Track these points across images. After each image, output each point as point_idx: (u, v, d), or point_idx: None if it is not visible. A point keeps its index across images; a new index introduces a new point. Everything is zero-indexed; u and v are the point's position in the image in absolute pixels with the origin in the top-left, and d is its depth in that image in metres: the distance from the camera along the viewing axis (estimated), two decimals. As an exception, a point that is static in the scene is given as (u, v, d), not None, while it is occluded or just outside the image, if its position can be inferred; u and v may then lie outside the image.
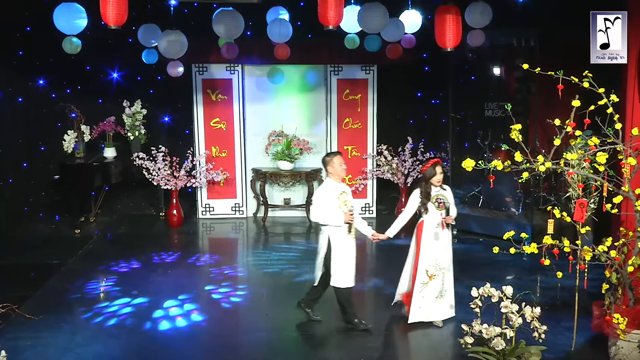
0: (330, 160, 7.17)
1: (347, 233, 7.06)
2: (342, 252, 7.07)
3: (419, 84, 12.59)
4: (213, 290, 8.65)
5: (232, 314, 7.96)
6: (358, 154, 12.21)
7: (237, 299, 8.40)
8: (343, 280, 7.11)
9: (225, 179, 12.04)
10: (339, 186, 7.17)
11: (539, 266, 6.45)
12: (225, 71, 11.91)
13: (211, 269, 9.59)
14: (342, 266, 7.08)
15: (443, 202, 7.18)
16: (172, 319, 7.70)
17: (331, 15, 5.95)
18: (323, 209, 7.04)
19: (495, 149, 11.54)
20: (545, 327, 5.82)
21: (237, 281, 9.08)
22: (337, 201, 7.05)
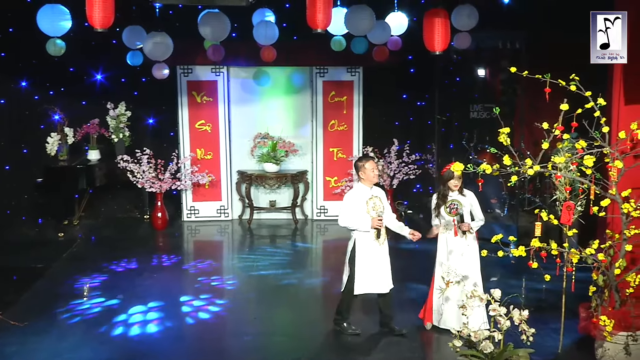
0: (362, 165, 7.02)
1: (375, 239, 6.93)
2: (365, 258, 6.94)
3: (404, 85, 12.60)
4: (199, 293, 8.58)
5: (219, 318, 7.89)
6: (344, 155, 12.20)
7: (222, 301, 8.33)
8: (359, 286, 6.99)
9: (210, 181, 11.98)
10: (368, 191, 7.01)
11: (524, 268, 6.49)
12: (211, 73, 11.86)
13: (197, 272, 9.52)
14: (362, 272, 6.95)
15: (456, 207, 6.92)
16: (159, 322, 7.63)
17: (320, 19, 5.92)
18: (350, 214, 6.92)
19: (480, 150, 11.58)
20: (533, 330, 5.81)
21: (223, 285, 9.02)
22: (366, 206, 6.92)
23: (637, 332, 6.23)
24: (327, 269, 10.18)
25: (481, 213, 7.15)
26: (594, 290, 6.30)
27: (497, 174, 5.86)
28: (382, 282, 7.03)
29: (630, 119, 6.39)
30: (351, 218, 6.92)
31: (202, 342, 7.18)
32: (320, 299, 8.77)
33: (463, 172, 6.67)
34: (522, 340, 5.85)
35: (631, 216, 6.14)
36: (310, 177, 12.31)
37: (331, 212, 12.33)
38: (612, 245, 6.29)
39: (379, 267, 6.99)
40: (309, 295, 8.83)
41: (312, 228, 12.11)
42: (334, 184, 12.26)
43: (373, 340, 7.12)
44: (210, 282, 9.06)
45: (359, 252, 6.95)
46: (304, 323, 7.80)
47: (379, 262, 6.99)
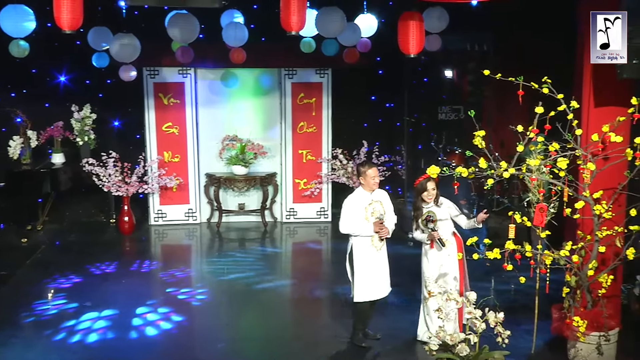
0: (364, 171, 6.81)
1: (373, 244, 6.80)
2: (363, 263, 6.83)
3: (373, 87, 12.61)
4: (169, 299, 8.44)
5: (190, 325, 7.77)
6: (313, 157, 12.15)
7: (193, 309, 8.21)
8: (360, 293, 6.87)
9: (178, 184, 11.81)
10: (368, 196, 6.85)
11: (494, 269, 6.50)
12: (178, 75, 11.70)
13: (165, 277, 9.37)
14: (362, 278, 6.84)
15: (432, 219, 6.79)
16: (128, 331, 7.47)
17: (294, 21, 5.85)
18: (351, 220, 6.78)
19: (449, 152, 11.64)
20: (508, 332, 5.83)
21: (193, 290, 8.88)
22: (364, 212, 6.79)
23: (609, 332, 6.30)
24: (297, 272, 10.14)
25: (463, 217, 7.01)
26: (568, 291, 6.34)
27: (472, 177, 5.87)
28: (382, 287, 6.93)
29: (599, 121, 6.46)
30: (352, 224, 6.78)
31: (175, 349, 7.07)
32: (292, 303, 8.72)
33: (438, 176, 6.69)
34: (498, 342, 5.87)
35: (603, 217, 6.20)
36: (280, 180, 12.23)
37: (300, 215, 12.27)
38: (584, 246, 6.34)
39: (377, 273, 6.88)
40: (280, 299, 8.76)
41: (281, 231, 12.03)
42: (303, 186, 12.20)
43: (348, 345, 7.07)
44: (180, 287, 8.92)
45: (357, 258, 6.84)
46: (277, 327, 7.74)
47: (377, 268, 6.87)
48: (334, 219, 12.25)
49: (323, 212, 12.32)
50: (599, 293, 6.28)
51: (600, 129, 6.25)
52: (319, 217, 12.31)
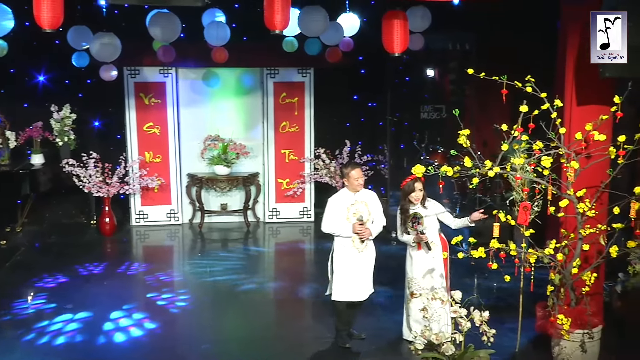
0: (347, 173, 6.79)
1: (354, 245, 6.75)
2: (342, 264, 6.79)
3: (355, 86, 12.60)
4: (152, 301, 8.37)
5: (173, 326, 7.71)
6: (295, 157, 12.10)
7: (177, 310, 8.14)
8: (337, 292, 6.84)
9: (159, 185, 11.71)
10: (352, 196, 6.81)
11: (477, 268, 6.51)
12: (159, 74, 11.59)
13: (148, 278, 9.29)
14: (340, 278, 6.80)
15: (418, 220, 6.77)
16: (110, 333, 7.40)
17: (278, 20, 5.80)
18: (331, 220, 6.76)
19: (432, 151, 11.66)
20: (494, 330, 5.85)
21: (176, 291, 8.82)
22: (346, 212, 6.74)
23: (592, 330, 6.34)
24: (280, 272, 10.10)
25: (452, 218, 6.95)
26: (552, 289, 6.36)
27: (457, 175, 5.87)
28: (361, 289, 6.85)
29: (582, 119, 6.50)
30: (332, 224, 6.75)
31: (159, 351, 7.01)
32: (276, 303, 8.68)
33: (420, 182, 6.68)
34: (483, 341, 5.88)
35: (586, 216, 6.22)
36: (262, 180, 12.17)
37: (283, 215, 12.23)
38: (568, 244, 6.37)
39: (358, 275, 6.81)
40: (263, 299, 8.71)
41: (264, 231, 11.98)
42: (286, 186, 12.16)
43: (332, 345, 7.05)
44: (162, 288, 8.85)
45: (337, 258, 6.82)
46: (261, 328, 7.70)
47: (359, 270, 6.80)
48: (316, 219, 12.22)
49: (306, 212, 12.29)
50: (583, 291, 6.30)
51: (583, 127, 6.29)
52: (301, 217, 12.28)
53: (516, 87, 6.16)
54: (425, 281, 6.76)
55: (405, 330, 7.02)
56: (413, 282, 6.76)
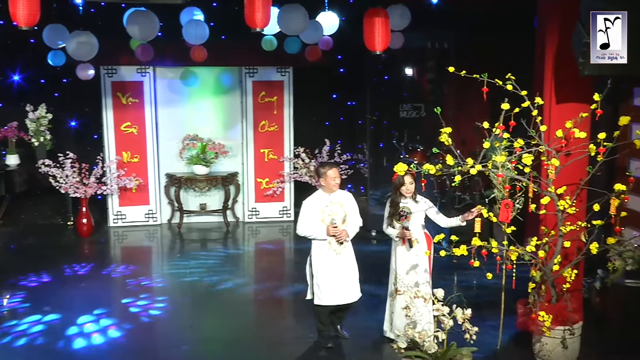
0: (324, 172, 6.69)
1: (331, 247, 6.69)
2: (322, 267, 6.73)
3: (334, 85, 12.59)
4: (131, 303, 8.27)
5: (153, 328, 7.63)
6: (275, 157, 12.06)
7: (156, 311, 8.04)
8: (321, 297, 6.77)
9: (137, 185, 11.60)
10: (327, 197, 6.74)
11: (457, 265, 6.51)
12: (136, 73, 11.49)
13: (127, 280, 9.19)
14: (321, 283, 6.74)
15: (406, 215, 6.70)
16: (88, 336, 7.30)
17: (259, 17, 5.75)
18: (306, 223, 6.69)
19: (411, 150, 11.68)
20: (476, 328, 5.86)
21: (155, 292, 8.73)
22: (321, 214, 6.68)
23: (573, 326, 6.37)
24: (260, 272, 10.06)
25: (442, 217, 6.84)
26: (533, 286, 6.39)
27: (439, 173, 5.87)
28: (347, 291, 6.78)
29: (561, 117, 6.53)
30: (308, 227, 6.69)
31: (138, 354, 6.92)
32: (256, 303, 8.62)
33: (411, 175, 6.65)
34: (466, 339, 5.89)
35: (566, 213, 6.26)
36: (241, 179, 12.11)
37: (263, 214, 12.18)
38: (548, 241, 6.40)
39: (340, 278, 6.74)
40: (243, 299, 8.65)
41: (243, 231, 11.92)
42: (265, 185, 12.11)
43: (314, 345, 7.01)
44: (142, 289, 8.76)
45: (316, 261, 6.76)
46: (241, 328, 7.64)
47: (339, 272, 6.73)
48: (296, 218, 12.05)
49: (285, 212, 12.25)
50: (563, 287, 6.34)
51: (562, 125, 6.32)
52: (281, 216, 12.24)
53: (496, 86, 6.16)
54: (409, 278, 6.74)
55: (387, 326, 7.00)
56: (399, 277, 6.75)
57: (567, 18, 6.53)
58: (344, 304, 6.87)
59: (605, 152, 6.00)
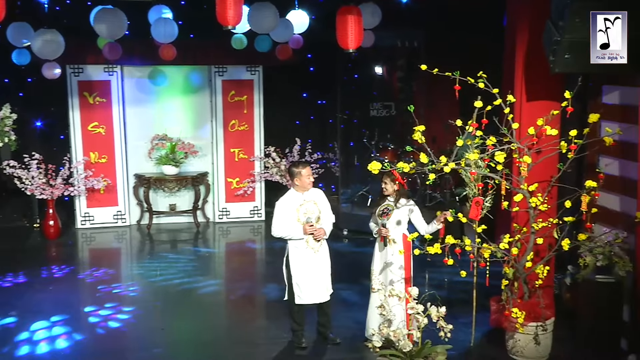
0: (298, 172, 6.63)
1: (309, 246, 6.63)
2: (300, 267, 6.66)
3: (304, 84, 12.55)
4: (101, 305, 8.12)
5: (123, 331, 7.49)
6: (245, 156, 11.98)
7: (126, 315, 7.89)
8: (300, 296, 6.70)
9: (105, 186, 11.43)
10: (300, 197, 6.68)
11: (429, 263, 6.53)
12: (103, 72, 11.31)
13: (95, 282, 9.02)
14: (300, 282, 6.68)
15: (386, 213, 6.67)
16: (59, 339, 7.16)
17: (230, 15, 5.68)
18: (282, 223, 6.62)
19: (382, 148, 11.68)
20: (451, 326, 5.87)
21: (125, 295, 8.59)
22: (296, 213, 6.62)
23: (546, 322, 6.43)
24: (232, 272, 9.98)
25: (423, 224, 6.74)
26: (507, 283, 6.42)
27: (413, 172, 5.87)
28: (322, 290, 6.76)
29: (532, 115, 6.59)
30: (283, 227, 6.62)
31: (109, 356, 6.80)
32: (228, 305, 8.56)
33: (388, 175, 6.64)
34: (441, 337, 5.90)
35: (538, 210, 6.31)
36: (211, 179, 12.00)
37: (233, 214, 12.10)
38: (521, 238, 6.45)
39: (317, 276, 6.70)
40: (215, 301, 8.58)
41: (214, 231, 11.82)
42: (236, 185, 12.02)
43: (288, 345, 6.96)
44: (111, 292, 8.63)
45: (293, 261, 6.69)
46: (214, 330, 7.57)
47: (316, 270, 6.70)
48: (267, 218, 12.13)
49: (256, 211, 12.18)
50: (536, 284, 6.39)
51: (533, 122, 6.38)
52: (252, 216, 12.16)
53: (466, 84, 6.18)
54: (382, 276, 6.73)
55: None
56: (373, 275, 6.74)
57: (537, 16, 6.61)
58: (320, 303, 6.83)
59: (576, 149, 6.06)
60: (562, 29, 5.85)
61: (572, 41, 5.83)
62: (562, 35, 5.84)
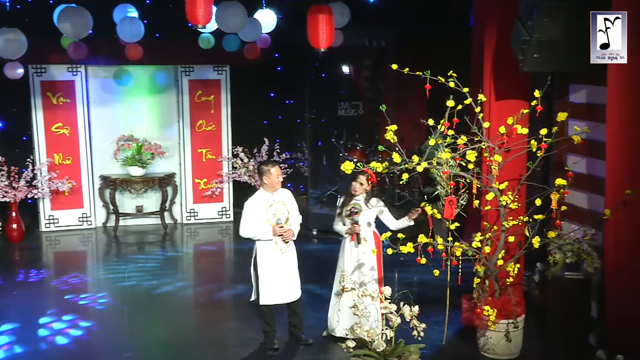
0: (267, 170, 6.57)
1: (277, 247, 6.60)
2: (268, 267, 6.63)
3: (272, 84, 12.49)
4: (68, 310, 7.97)
5: (93, 335, 7.37)
6: (213, 156, 11.87)
7: (95, 320, 7.75)
8: (265, 296, 6.67)
9: (70, 188, 11.22)
10: (269, 197, 6.63)
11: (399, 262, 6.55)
12: (67, 72, 11.10)
13: (62, 286, 8.86)
14: (266, 282, 6.64)
15: (355, 212, 6.66)
16: (25, 345, 7.00)
17: (200, 14, 5.60)
18: (250, 224, 6.56)
19: (350, 148, 11.68)
20: (424, 325, 5.86)
21: (93, 298, 8.43)
22: (265, 214, 6.58)
23: (517, 319, 6.48)
24: (201, 274, 9.86)
25: (393, 221, 6.77)
26: (478, 281, 6.46)
27: (385, 171, 5.87)
28: (290, 291, 6.74)
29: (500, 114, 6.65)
30: (252, 228, 6.57)
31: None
32: (198, 307, 8.46)
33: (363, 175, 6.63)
34: (414, 336, 5.89)
35: (509, 208, 6.36)
36: (179, 180, 11.87)
37: (201, 215, 11.98)
38: (491, 236, 6.49)
39: (285, 276, 6.68)
40: (185, 303, 8.49)
41: (182, 232, 11.69)
42: (204, 186, 11.91)
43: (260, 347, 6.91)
44: (79, 296, 8.47)
45: (261, 261, 6.64)
46: (185, 333, 7.46)
47: (284, 271, 6.68)
48: (236, 219, 12.04)
49: (225, 212, 12.08)
50: (507, 282, 6.44)
51: (501, 121, 6.42)
52: (220, 217, 12.06)
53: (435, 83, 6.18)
54: (355, 275, 6.72)
55: (331, 325, 6.97)
56: (345, 276, 6.71)
57: (505, 16, 6.66)
58: (290, 304, 6.82)
59: (546, 147, 6.11)
60: (531, 29, 5.92)
61: (541, 41, 5.90)
62: (531, 35, 5.91)
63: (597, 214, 6.50)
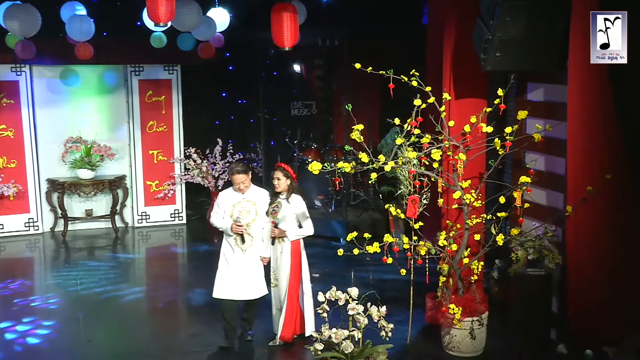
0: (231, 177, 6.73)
1: (238, 244, 6.62)
2: (225, 261, 6.71)
3: (223, 83, 12.33)
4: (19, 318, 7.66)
5: (48, 344, 7.08)
6: (165, 158, 11.64)
7: (46, 330, 7.44)
8: (215, 289, 6.75)
9: (16, 192, 10.82)
10: (240, 195, 6.67)
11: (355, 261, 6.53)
12: (10, 72, 10.72)
13: (10, 295, 8.50)
14: (220, 275, 6.73)
15: (276, 211, 6.66)
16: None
17: (162, 12, 5.43)
18: (217, 214, 6.75)
19: (305, 148, 11.61)
20: (392, 325, 5.84)
21: (43, 308, 8.12)
22: (231, 209, 6.63)
23: (482, 316, 6.52)
24: (156, 279, 9.62)
25: (308, 222, 6.79)
26: (444, 280, 6.48)
27: (352, 171, 5.83)
28: (246, 289, 6.70)
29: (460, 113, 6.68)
30: (217, 218, 6.72)
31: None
32: (156, 313, 8.23)
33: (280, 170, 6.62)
34: (382, 336, 5.86)
35: (472, 206, 6.39)
36: (130, 182, 11.59)
37: (153, 218, 11.73)
38: (455, 234, 6.52)
39: (243, 274, 6.65)
40: (142, 309, 8.29)
41: (133, 236, 11.42)
42: (155, 188, 11.66)
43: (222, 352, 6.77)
44: (29, 305, 8.15)
45: (222, 255, 6.75)
46: (144, 340, 7.26)
47: (243, 269, 6.66)
48: (189, 221, 11.85)
49: (177, 215, 11.85)
50: (471, 279, 6.47)
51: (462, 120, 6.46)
52: (173, 219, 11.83)
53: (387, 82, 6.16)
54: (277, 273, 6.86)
55: None
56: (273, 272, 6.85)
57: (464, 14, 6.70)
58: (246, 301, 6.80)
59: (511, 145, 6.17)
60: (493, 28, 5.95)
61: (503, 39, 5.95)
62: (494, 34, 5.95)
63: (557, 211, 6.60)
